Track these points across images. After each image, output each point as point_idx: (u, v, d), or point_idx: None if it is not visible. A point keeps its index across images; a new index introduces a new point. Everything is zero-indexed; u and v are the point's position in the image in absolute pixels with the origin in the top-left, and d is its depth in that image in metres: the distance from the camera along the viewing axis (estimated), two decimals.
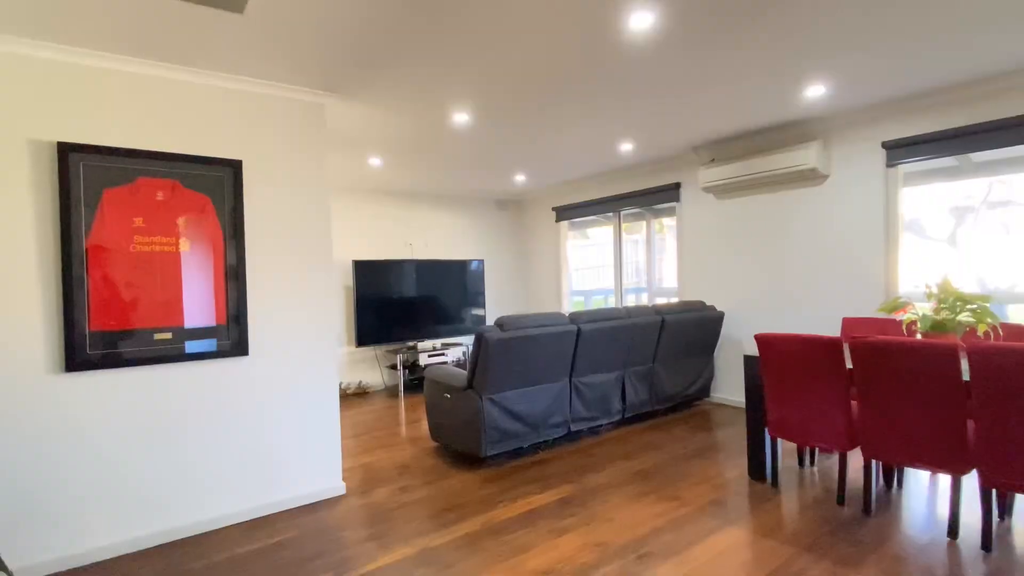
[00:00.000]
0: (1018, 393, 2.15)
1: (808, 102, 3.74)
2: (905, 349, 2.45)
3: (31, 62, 2.42)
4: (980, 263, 3.70)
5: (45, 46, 2.42)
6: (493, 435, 3.45)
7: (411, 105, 3.47)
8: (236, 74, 2.84)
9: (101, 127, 2.56)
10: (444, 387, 3.71)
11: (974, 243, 3.73)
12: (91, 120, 2.54)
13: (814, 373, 2.84)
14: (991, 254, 3.67)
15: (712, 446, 3.85)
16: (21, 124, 2.40)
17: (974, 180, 3.69)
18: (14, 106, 2.39)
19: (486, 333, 3.34)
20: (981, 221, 3.72)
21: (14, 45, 2.37)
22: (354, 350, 5.98)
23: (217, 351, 2.82)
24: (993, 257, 3.66)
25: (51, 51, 2.44)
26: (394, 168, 5.32)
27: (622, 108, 3.70)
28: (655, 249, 5.99)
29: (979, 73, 3.26)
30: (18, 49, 2.38)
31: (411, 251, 6.42)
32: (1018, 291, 3.60)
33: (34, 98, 2.43)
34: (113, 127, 2.59)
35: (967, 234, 3.76)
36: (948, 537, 2.46)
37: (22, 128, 2.40)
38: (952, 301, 2.72)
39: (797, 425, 2.96)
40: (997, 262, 3.64)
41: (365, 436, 4.37)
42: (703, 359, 4.89)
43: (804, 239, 4.43)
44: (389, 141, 4.33)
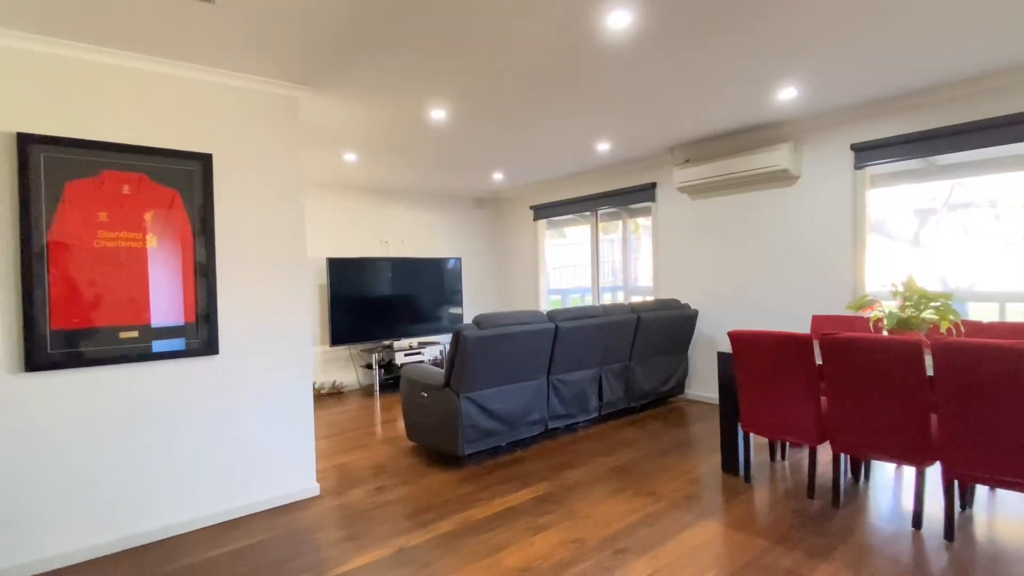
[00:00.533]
0: (979, 387, 2.23)
1: (780, 104, 3.81)
2: (872, 345, 2.52)
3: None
4: (942, 263, 3.84)
5: (5, 33, 2.31)
6: (470, 434, 3.44)
7: (387, 100, 3.43)
8: (206, 65, 2.77)
9: (64, 118, 2.47)
10: (421, 386, 3.68)
11: (937, 243, 3.86)
12: (53, 110, 2.44)
13: (785, 369, 2.90)
14: (953, 254, 3.80)
15: (687, 442, 3.91)
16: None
17: (937, 183, 3.82)
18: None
19: (464, 331, 3.33)
20: (943, 222, 3.85)
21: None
22: (328, 349, 5.89)
23: (186, 350, 2.75)
24: (954, 257, 3.80)
25: (11, 39, 2.34)
26: (369, 164, 5.26)
27: (599, 108, 3.72)
28: (631, 248, 6.04)
29: (943, 79, 3.37)
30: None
31: (387, 249, 6.35)
32: (977, 290, 3.74)
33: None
34: (76, 118, 2.50)
35: (930, 235, 3.90)
36: (913, 527, 2.54)
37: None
38: (917, 299, 2.81)
39: (769, 420, 3.02)
40: (958, 262, 3.78)
41: (340, 436, 4.31)
42: (678, 356, 4.96)
43: (776, 239, 4.52)
44: (364, 136, 4.27)
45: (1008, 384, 2.16)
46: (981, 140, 3.45)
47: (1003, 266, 3.60)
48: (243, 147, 2.94)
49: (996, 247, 3.65)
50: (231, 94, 2.91)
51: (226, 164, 2.88)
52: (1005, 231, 3.62)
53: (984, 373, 2.21)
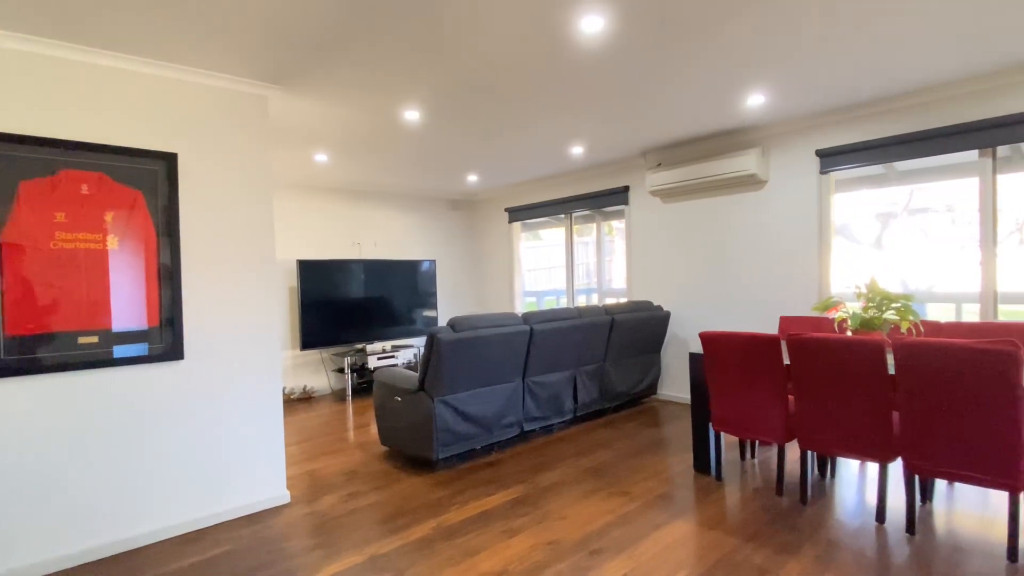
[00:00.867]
0: (938, 385, 2.32)
1: (749, 110, 3.90)
2: (837, 345, 2.59)
3: None
4: (903, 265, 3.98)
5: None
6: (445, 437, 3.41)
7: (359, 100, 3.39)
8: (171, 62, 2.69)
9: (17, 114, 2.36)
10: (395, 390, 3.64)
11: (897, 247, 4.00)
12: (6, 106, 2.34)
13: (754, 369, 2.96)
14: (912, 257, 3.95)
15: (660, 442, 3.95)
16: None
17: (897, 188, 3.96)
18: None
19: (438, 334, 3.30)
20: (903, 226, 4.00)
21: None
22: (299, 353, 5.78)
23: (150, 355, 2.65)
24: (914, 260, 3.94)
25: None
26: (341, 165, 5.19)
27: (573, 112, 3.75)
28: (605, 251, 6.10)
29: (903, 88, 3.50)
30: None
31: (359, 251, 6.27)
32: (936, 291, 3.89)
33: None
34: (31, 114, 2.39)
35: (891, 238, 4.04)
36: (876, 521, 2.61)
37: None
38: (879, 300, 2.90)
39: (739, 419, 3.08)
40: (917, 264, 3.92)
41: (311, 442, 4.23)
42: (651, 357, 5.02)
43: (745, 241, 4.62)
44: (336, 137, 4.21)
45: (962, 381, 2.24)
46: (937, 147, 3.59)
47: (958, 268, 3.75)
48: (210, 146, 2.86)
49: (952, 250, 3.80)
50: (197, 92, 2.83)
51: (192, 164, 2.80)
52: (960, 235, 3.77)
53: (941, 371, 2.29)
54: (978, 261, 3.54)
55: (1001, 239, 3.49)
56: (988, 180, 3.50)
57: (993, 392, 2.18)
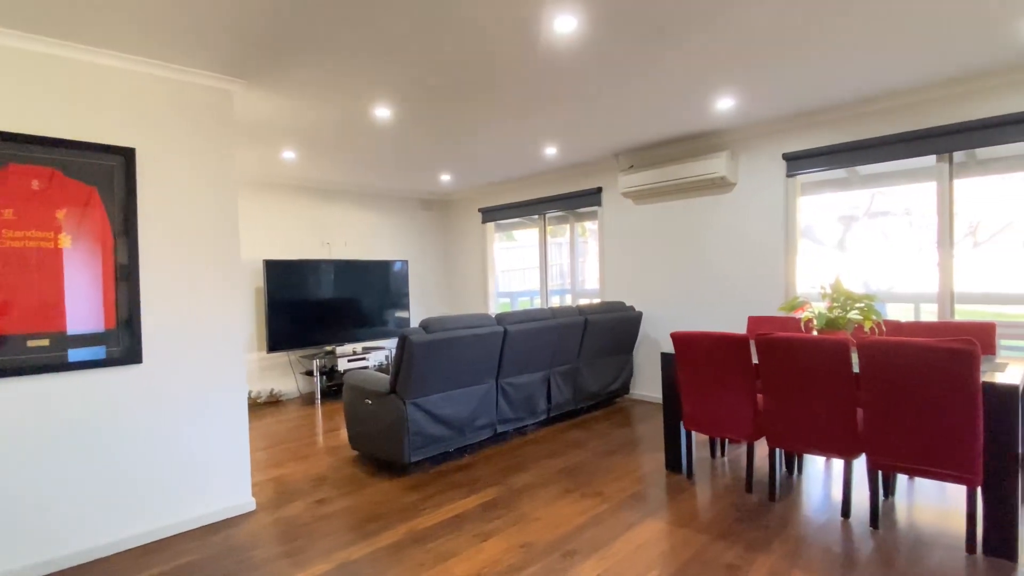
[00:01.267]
0: (900, 383, 2.38)
1: (718, 113, 3.96)
2: (803, 345, 2.65)
3: None
4: (864, 266, 4.10)
5: None
6: (417, 440, 3.36)
7: (327, 96, 3.32)
8: (130, 53, 2.58)
9: None
10: (365, 392, 3.57)
11: (859, 248, 4.12)
12: None
13: (724, 368, 3.00)
14: (873, 258, 4.08)
15: (632, 441, 3.98)
16: None
17: (859, 192, 4.08)
18: None
19: (410, 335, 3.25)
20: (865, 229, 4.12)
21: None
22: (265, 356, 5.63)
23: (107, 359, 2.54)
24: (875, 261, 4.07)
25: None
26: (310, 163, 5.08)
27: (546, 112, 3.75)
28: (578, 252, 6.12)
29: (866, 93, 3.60)
30: None
31: (329, 251, 6.14)
32: (895, 291, 4.03)
33: None
34: None
35: (853, 240, 4.16)
36: (842, 517, 2.67)
37: None
38: (843, 300, 2.97)
39: (709, 418, 3.11)
40: (878, 265, 4.05)
41: (278, 447, 4.12)
42: (623, 357, 5.05)
43: (715, 243, 4.69)
44: (304, 134, 4.12)
45: (923, 379, 2.31)
46: (897, 152, 3.71)
47: (917, 269, 3.89)
48: (171, 142, 2.76)
49: (911, 252, 3.93)
50: (158, 85, 2.72)
51: (151, 159, 2.69)
52: (918, 237, 3.91)
53: (903, 369, 2.36)
54: (936, 263, 3.66)
55: (956, 241, 3.63)
56: (945, 184, 3.63)
57: (952, 389, 2.26)
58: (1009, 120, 3.25)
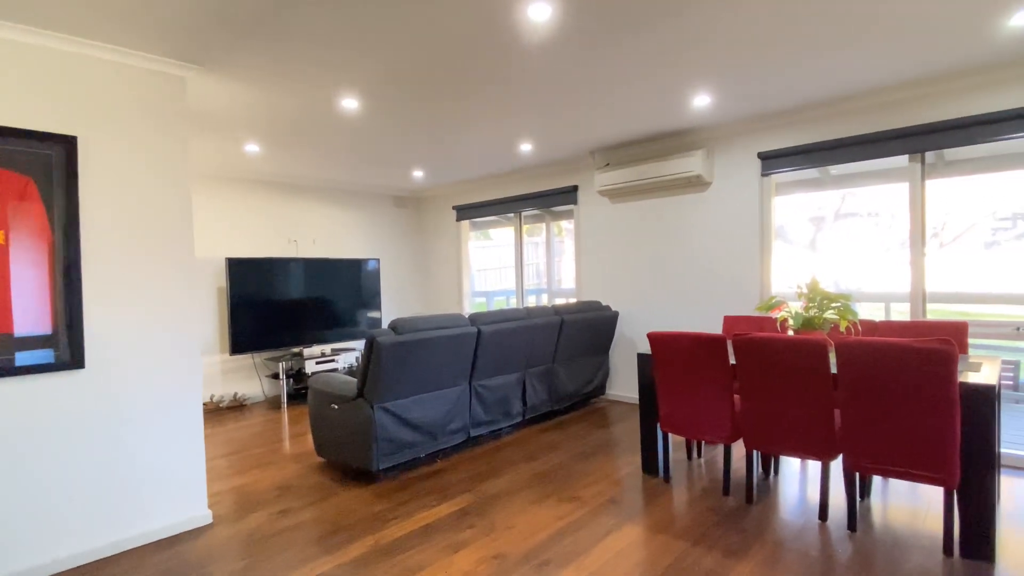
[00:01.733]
0: (877, 383, 2.35)
1: (694, 111, 3.92)
2: (781, 345, 2.60)
3: None
4: (835, 266, 4.12)
5: None
6: (386, 447, 3.22)
7: (290, 86, 3.15)
8: (70, 34, 2.38)
9: None
10: (331, 397, 3.41)
11: (830, 248, 4.14)
12: None
13: (701, 369, 2.94)
14: (844, 258, 4.10)
15: (608, 443, 3.90)
16: None
17: (830, 192, 4.10)
18: None
19: (378, 337, 3.11)
20: (835, 229, 4.14)
21: None
22: (228, 358, 5.39)
23: (55, 363, 2.34)
24: (845, 261, 4.09)
25: None
26: (275, 156, 4.88)
27: (520, 107, 3.64)
28: (554, 251, 6.04)
29: (840, 92, 3.59)
30: None
31: (296, 248, 5.93)
32: (865, 291, 4.05)
33: None
34: None
35: (824, 240, 4.18)
36: (819, 519, 2.64)
37: None
38: (819, 300, 2.94)
39: (686, 420, 3.05)
40: (848, 265, 4.07)
41: (240, 455, 3.92)
42: (599, 358, 4.99)
43: (690, 241, 4.65)
44: (267, 125, 3.93)
45: (901, 380, 2.28)
46: (870, 152, 3.71)
47: (887, 269, 3.91)
48: (117, 131, 2.56)
49: (881, 252, 3.96)
50: (102, 69, 2.53)
51: (95, 149, 2.50)
52: (885, 238, 3.93)
53: (881, 370, 2.33)
54: (908, 262, 3.68)
55: (927, 241, 3.65)
56: (917, 184, 3.65)
57: (930, 390, 2.23)
58: (980, 120, 3.27)
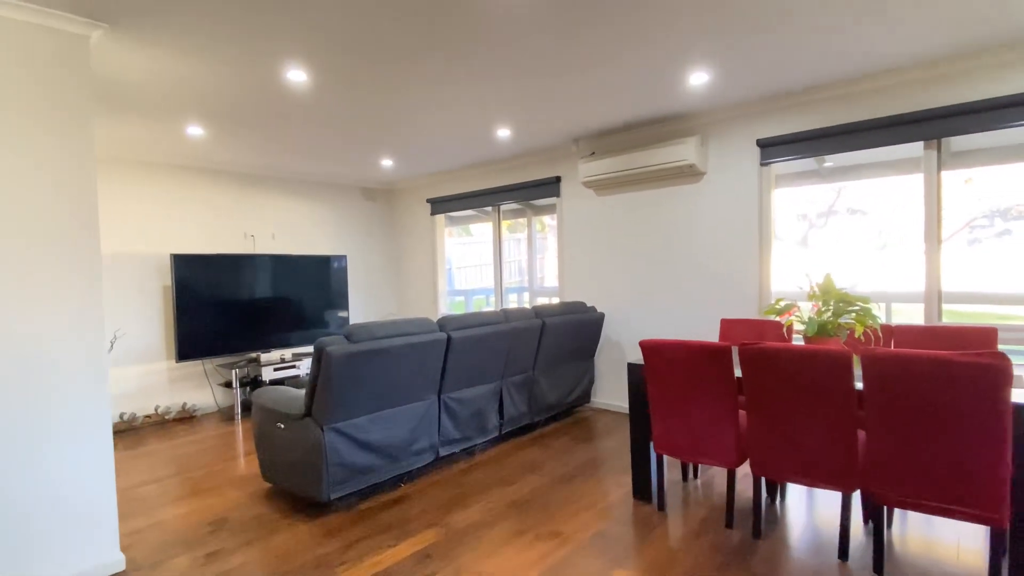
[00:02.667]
0: (913, 403, 1.98)
1: (689, 92, 3.53)
2: (798, 356, 2.22)
3: None
4: (826, 264, 3.82)
5: None
6: (338, 473, 2.78)
7: (225, 54, 2.68)
8: None
9: None
10: (276, 415, 2.96)
11: (823, 244, 3.83)
12: None
13: (702, 383, 2.56)
14: (836, 255, 3.79)
15: (594, 461, 3.51)
16: None
17: (825, 185, 3.78)
18: None
19: (328, 347, 2.67)
20: (829, 224, 3.82)
21: None
22: (175, 366, 4.88)
23: None
24: (839, 258, 3.78)
25: None
26: (223, 141, 4.38)
27: (498, 85, 3.21)
28: (536, 248, 5.64)
29: (851, 72, 3.23)
30: None
31: (253, 244, 5.43)
32: (858, 291, 3.76)
33: None
34: None
35: (817, 236, 3.86)
36: (839, 559, 2.27)
37: None
38: (835, 303, 2.58)
39: (683, 440, 2.67)
40: (844, 263, 3.76)
41: (177, 478, 3.45)
42: (584, 363, 4.59)
43: (683, 237, 4.28)
44: (206, 103, 3.44)
45: (943, 399, 1.92)
46: (882, 138, 3.36)
47: (886, 268, 3.59)
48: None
49: (877, 249, 3.65)
50: None
51: None
52: (886, 233, 3.61)
53: (918, 387, 1.96)
54: (922, 259, 3.35)
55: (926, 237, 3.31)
56: (933, 174, 3.31)
57: (977, 412, 1.87)
58: (1011, 102, 2.93)
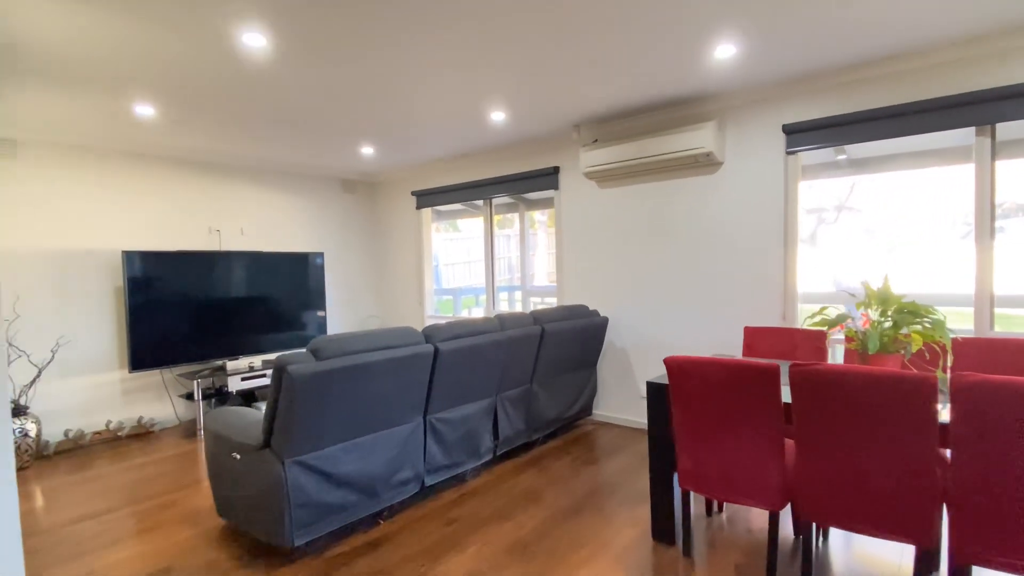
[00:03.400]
0: (1015, 442, 1.58)
1: (713, 67, 3.10)
2: (873, 382, 1.81)
3: None
4: (835, 262, 3.49)
5: None
6: (304, 515, 2.33)
7: (164, 11, 2.20)
8: None
9: None
10: (230, 443, 2.49)
11: (832, 242, 3.50)
12: None
13: (741, 409, 2.14)
14: (847, 253, 3.46)
15: (602, 488, 3.09)
16: None
17: (850, 177, 3.41)
18: None
19: (290, 366, 2.20)
20: (840, 220, 3.49)
21: None
22: (130, 376, 4.37)
23: None
24: (848, 256, 3.45)
25: None
26: (180, 123, 3.87)
27: (491, 54, 2.76)
28: (528, 244, 5.20)
29: (892, 48, 2.83)
30: None
31: (219, 240, 4.92)
32: (846, 290, 3.45)
33: None
34: None
35: (825, 233, 3.52)
36: None
37: None
38: (895, 312, 2.17)
39: (716, 476, 2.25)
40: (852, 261, 3.43)
41: (121, 512, 2.96)
42: (585, 373, 4.17)
43: (696, 233, 3.86)
44: (156, 77, 2.95)
45: None
46: (927, 123, 2.97)
47: (911, 267, 3.24)
48: None
49: (896, 247, 3.31)
50: None
51: None
52: (914, 230, 3.25)
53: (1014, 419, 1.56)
54: (964, 258, 2.96)
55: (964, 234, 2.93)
56: (986, 163, 2.92)
57: None
58: None
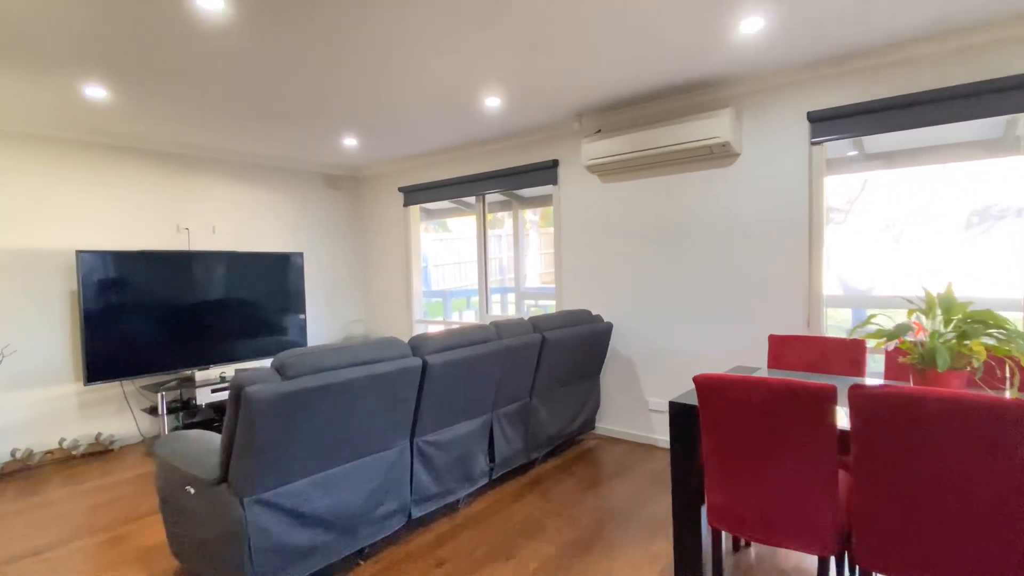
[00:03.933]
0: None
1: (735, 45, 2.78)
2: (965, 409, 1.48)
3: None
4: (841, 264, 3.24)
5: None
6: (268, 561, 1.96)
7: None
8: None
9: None
10: (184, 476, 2.12)
11: (839, 242, 3.25)
12: None
13: (787, 436, 1.81)
14: (854, 254, 3.20)
15: (612, 516, 2.75)
16: None
17: (854, 176, 3.13)
18: None
19: (249, 387, 1.84)
20: (852, 219, 3.23)
21: None
22: (84, 389, 3.96)
23: None
24: (856, 258, 3.19)
25: None
26: (137, 108, 3.47)
27: (487, 31, 2.41)
28: (522, 244, 4.86)
29: (931, 28, 2.52)
30: None
31: (187, 239, 4.51)
32: (875, 294, 3.24)
33: None
34: None
35: (833, 233, 3.25)
36: None
37: None
38: (968, 322, 1.85)
39: (753, 514, 1.92)
40: (858, 263, 3.18)
41: (66, 547, 2.57)
42: (588, 383, 3.83)
43: (709, 231, 3.54)
44: (103, 52, 2.56)
45: None
46: (969, 110, 2.68)
47: (928, 267, 2.98)
48: None
49: (913, 245, 3.05)
50: None
51: None
52: (930, 228, 2.98)
53: None
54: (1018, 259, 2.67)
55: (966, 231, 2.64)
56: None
57: None
58: None
